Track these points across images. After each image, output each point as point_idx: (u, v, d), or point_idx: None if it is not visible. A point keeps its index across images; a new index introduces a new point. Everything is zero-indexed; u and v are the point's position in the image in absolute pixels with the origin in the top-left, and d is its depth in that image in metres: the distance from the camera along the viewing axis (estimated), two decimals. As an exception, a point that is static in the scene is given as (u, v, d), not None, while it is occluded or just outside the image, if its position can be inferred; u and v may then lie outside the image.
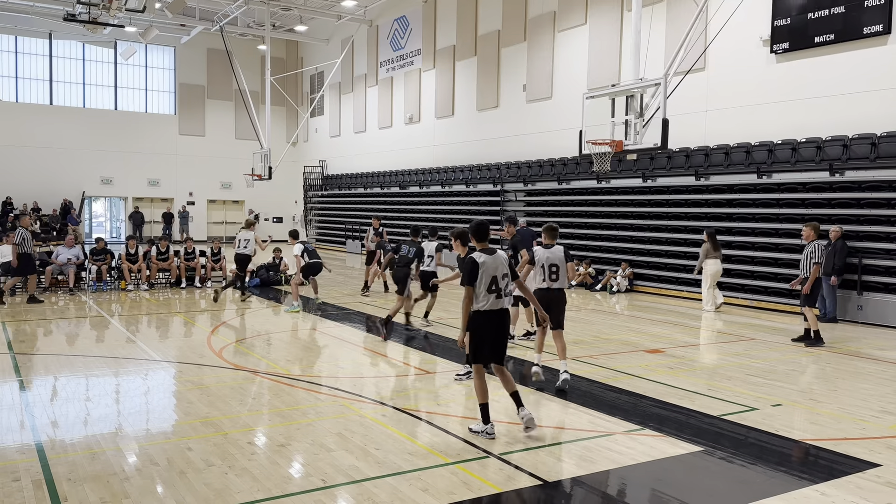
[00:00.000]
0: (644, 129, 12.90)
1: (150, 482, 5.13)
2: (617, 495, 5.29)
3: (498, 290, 6.04)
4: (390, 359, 9.57)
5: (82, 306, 14.20)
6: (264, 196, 37.39)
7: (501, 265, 6.10)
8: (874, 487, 5.22)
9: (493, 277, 6.03)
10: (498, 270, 6.06)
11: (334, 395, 7.57)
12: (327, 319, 12.97)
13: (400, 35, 29.73)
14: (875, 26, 13.67)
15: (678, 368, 9.11)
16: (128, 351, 9.95)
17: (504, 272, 6.12)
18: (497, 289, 6.04)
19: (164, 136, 36.57)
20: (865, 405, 7.48)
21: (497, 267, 6.07)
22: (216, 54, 35.61)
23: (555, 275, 7.85)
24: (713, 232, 14.68)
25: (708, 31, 15.56)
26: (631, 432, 6.44)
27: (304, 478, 5.27)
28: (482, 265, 6.03)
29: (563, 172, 20.42)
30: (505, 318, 6.17)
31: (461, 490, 5.03)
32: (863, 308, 13.05)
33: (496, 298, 6.04)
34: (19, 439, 6.08)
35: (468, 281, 6.04)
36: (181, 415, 6.89)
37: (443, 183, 25.81)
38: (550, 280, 7.84)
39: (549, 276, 7.84)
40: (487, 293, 6.03)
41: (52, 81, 34.29)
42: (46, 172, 33.46)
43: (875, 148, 13.44)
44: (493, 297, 6.04)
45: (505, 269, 6.14)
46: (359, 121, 33.20)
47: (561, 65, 21.44)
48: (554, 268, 7.85)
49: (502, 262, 6.13)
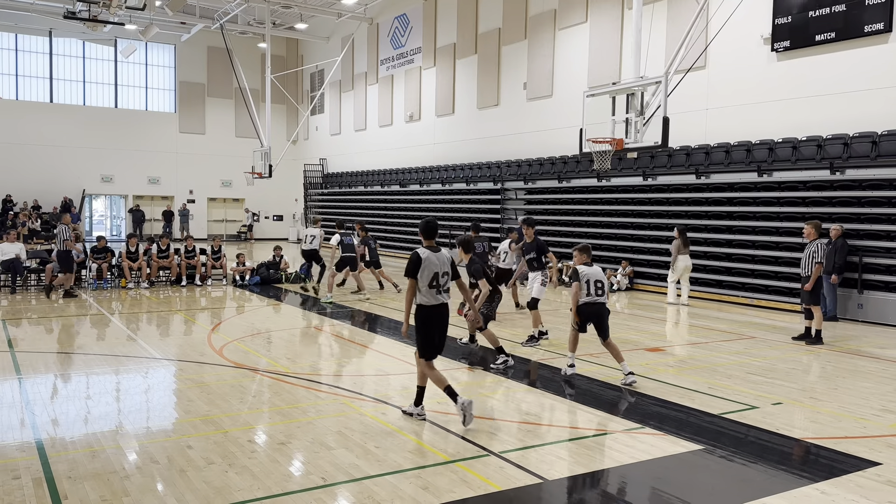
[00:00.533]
0: (645, 128, 12.90)
1: (151, 480, 5.13)
2: (617, 493, 5.29)
3: (438, 287, 6.38)
4: (390, 357, 9.56)
5: (83, 304, 14.20)
6: (265, 194, 37.39)
7: (444, 263, 6.45)
8: (874, 486, 5.22)
9: (435, 274, 6.36)
10: (440, 268, 6.39)
11: (334, 394, 7.57)
12: (327, 317, 12.97)
13: (400, 33, 29.70)
14: (876, 24, 13.65)
15: (678, 367, 9.11)
16: (128, 349, 9.95)
17: (445, 270, 6.45)
18: (437, 285, 6.38)
19: (165, 134, 36.55)
20: (866, 404, 7.47)
21: (439, 264, 6.40)
22: (216, 52, 35.59)
23: (600, 290, 8.27)
24: (684, 229, 14.98)
25: (709, 30, 15.55)
26: (631, 431, 6.44)
27: (304, 476, 5.27)
28: (425, 260, 6.36)
29: (563, 171, 20.41)
30: (443, 310, 6.49)
31: (461, 488, 5.03)
32: (863, 306, 13.05)
33: (436, 294, 6.38)
34: (20, 437, 6.08)
35: (411, 273, 6.40)
36: (181, 413, 6.89)
37: (443, 181, 25.81)
38: (596, 295, 8.24)
39: (595, 291, 8.24)
40: (429, 288, 6.36)
41: (52, 79, 34.27)
42: (47, 170, 33.44)
43: (876, 146, 13.43)
44: (434, 293, 6.38)
45: (447, 267, 6.48)
46: (359, 119, 33.18)
47: (561, 63, 21.43)
48: (599, 283, 8.28)
49: (445, 260, 6.47)
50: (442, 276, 6.40)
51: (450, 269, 6.51)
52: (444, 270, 6.43)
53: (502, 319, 12.38)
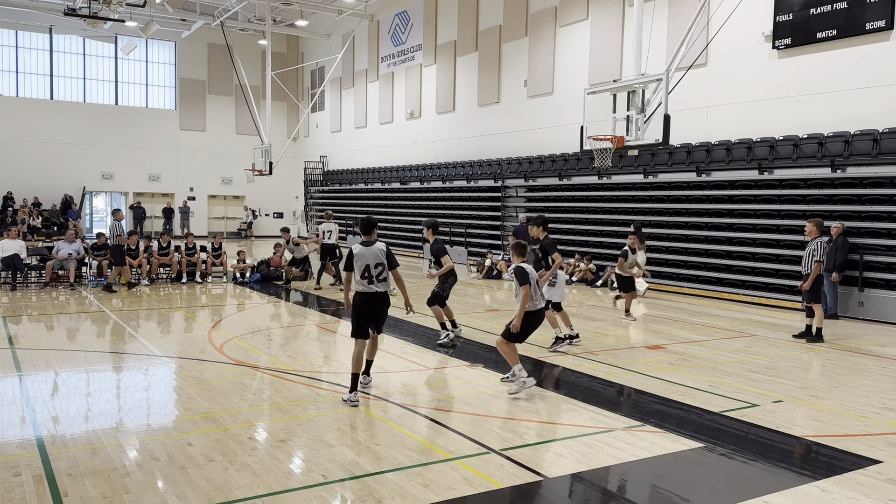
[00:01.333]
0: (645, 125, 12.88)
1: (151, 477, 5.13)
2: (617, 491, 5.29)
3: (370, 277, 7.08)
4: (390, 354, 9.56)
5: (83, 301, 14.20)
6: (265, 191, 37.40)
7: (375, 256, 7.12)
8: (875, 484, 5.21)
9: (367, 266, 7.07)
10: (371, 260, 7.09)
11: (335, 391, 7.57)
12: (327, 315, 12.97)
13: (401, 30, 29.67)
14: (877, 22, 13.62)
15: (679, 365, 9.10)
16: (128, 346, 9.95)
17: (377, 262, 7.11)
18: (369, 276, 7.08)
19: (165, 131, 36.54)
20: (866, 402, 7.47)
21: (371, 258, 7.10)
22: (217, 49, 35.56)
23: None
24: (640, 225, 15.56)
25: (710, 27, 15.53)
26: (632, 428, 6.43)
27: (304, 473, 5.27)
28: (357, 255, 7.13)
29: (564, 168, 20.39)
30: (375, 299, 7.15)
31: (462, 486, 5.03)
32: (864, 304, 13.04)
33: (368, 283, 7.09)
34: (20, 434, 6.08)
35: (347, 267, 7.25)
36: (182, 410, 6.89)
37: (443, 178, 25.80)
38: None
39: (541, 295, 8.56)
40: (361, 279, 7.08)
41: (52, 76, 34.24)
42: (47, 167, 33.44)
43: (877, 144, 13.42)
44: (366, 283, 7.10)
45: (380, 259, 7.13)
46: (359, 116, 33.16)
47: (562, 60, 21.40)
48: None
49: (377, 253, 7.14)
50: (375, 268, 7.07)
51: (384, 260, 7.17)
52: (377, 262, 7.10)
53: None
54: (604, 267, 18.08)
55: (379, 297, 7.17)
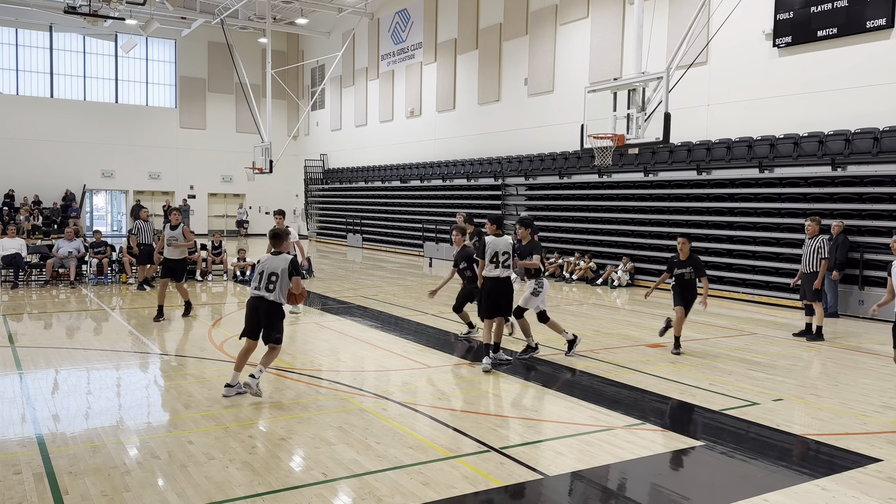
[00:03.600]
0: (646, 124, 12.88)
1: (151, 475, 5.13)
2: (617, 489, 5.29)
3: (263, 283, 7.13)
4: (391, 353, 9.57)
5: (83, 299, 14.20)
6: (265, 190, 37.39)
7: (277, 266, 7.16)
8: (875, 482, 5.21)
9: (261, 273, 7.18)
10: (271, 269, 7.15)
11: (335, 389, 7.57)
12: (327, 313, 12.97)
13: (401, 28, 29.65)
14: (878, 20, 13.61)
15: (679, 363, 9.10)
16: (129, 344, 9.95)
17: (274, 272, 7.12)
18: (262, 282, 7.14)
19: (165, 130, 36.53)
20: (866, 400, 7.47)
21: (271, 266, 7.18)
22: (217, 47, 35.54)
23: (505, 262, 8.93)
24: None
25: (710, 25, 15.52)
26: (632, 427, 6.43)
27: (304, 471, 5.27)
28: (259, 263, 7.36)
29: (564, 166, 20.38)
30: (261, 304, 7.15)
31: (462, 484, 5.03)
32: (864, 303, 13.03)
33: (257, 288, 7.16)
34: (20, 432, 6.09)
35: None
36: (182, 408, 6.89)
37: (444, 177, 25.79)
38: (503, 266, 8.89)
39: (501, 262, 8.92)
40: (258, 283, 7.16)
41: (52, 74, 34.23)
42: (47, 165, 33.44)
43: (877, 142, 13.41)
44: (257, 287, 7.17)
45: (280, 267, 7.12)
46: (360, 114, 33.14)
47: (563, 58, 21.38)
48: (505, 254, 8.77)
49: (279, 263, 7.18)
50: (271, 276, 7.12)
51: (287, 267, 7.16)
52: (274, 271, 7.13)
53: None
54: (604, 265, 18.08)
55: (264, 302, 7.17)
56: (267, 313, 7.15)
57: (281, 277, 7.10)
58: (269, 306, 7.16)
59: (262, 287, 7.13)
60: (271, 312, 7.16)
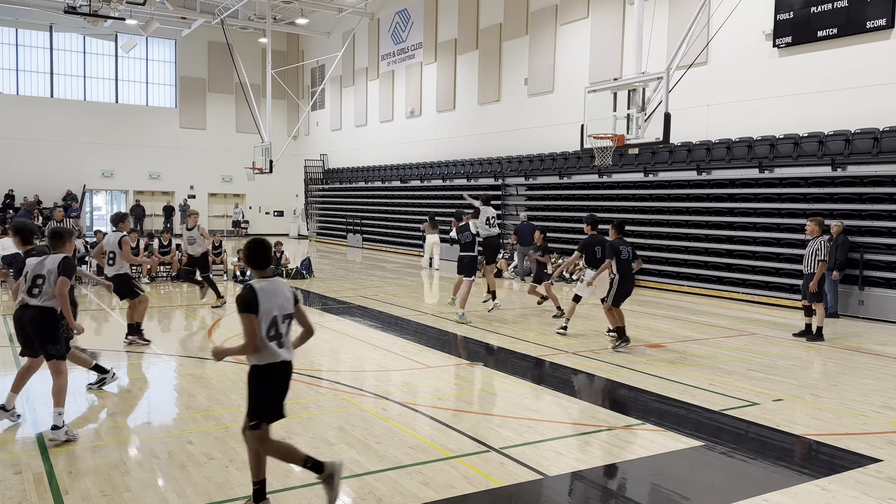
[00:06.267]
0: (646, 124, 12.87)
1: (151, 475, 5.13)
2: (617, 489, 5.29)
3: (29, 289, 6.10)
4: (391, 353, 9.57)
5: (83, 299, 14.20)
6: (265, 190, 37.40)
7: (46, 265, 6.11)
8: (875, 483, 5.22)
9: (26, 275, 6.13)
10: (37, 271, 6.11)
11: (335, 389, 7.57)
12: (327, 313, 12.97)
13: (401, 28, 29.65)
14: (878, 20, 13.61)
15: (679, 363, 9.10)
16: (128, 344, 9.94)
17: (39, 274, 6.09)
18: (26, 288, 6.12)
19: (165, 130, 36.53)
20: (866, 400, 7.47)
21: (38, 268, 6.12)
22: (217, 47, 35.53)
23: None
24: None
25: (710, 25, 15.51)
26: (632, 427, 6.43)
27: (304, 471, 5.26)
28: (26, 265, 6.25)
29: (564, 167, 20.38)
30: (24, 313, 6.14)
31: (462, 484, 5.03)
32: (864, 303, 13.04)
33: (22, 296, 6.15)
34: (20, 432, 6.09)
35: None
36: (182, 408, 6.89)
37: (444, 177, 25.79)
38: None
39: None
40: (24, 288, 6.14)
41: (52, 74, 34.23)
42: (47, 165, 33.43)
43: (877, 143, 13.41)
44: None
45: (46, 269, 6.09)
46: (360, 114, 33.14)
47: (563, 58, 21.38)
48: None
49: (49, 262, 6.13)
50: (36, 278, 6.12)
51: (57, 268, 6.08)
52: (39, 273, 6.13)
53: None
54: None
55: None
56: (33, 322, 6.07)
57: (47, 279, 6.08)
58: (34, 314, 6.04)
59: (25, 292, 6.09)
60: (38, 321, 6.06)
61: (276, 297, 4.45)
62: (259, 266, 4.59)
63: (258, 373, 4.45)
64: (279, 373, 4.48)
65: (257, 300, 4.38)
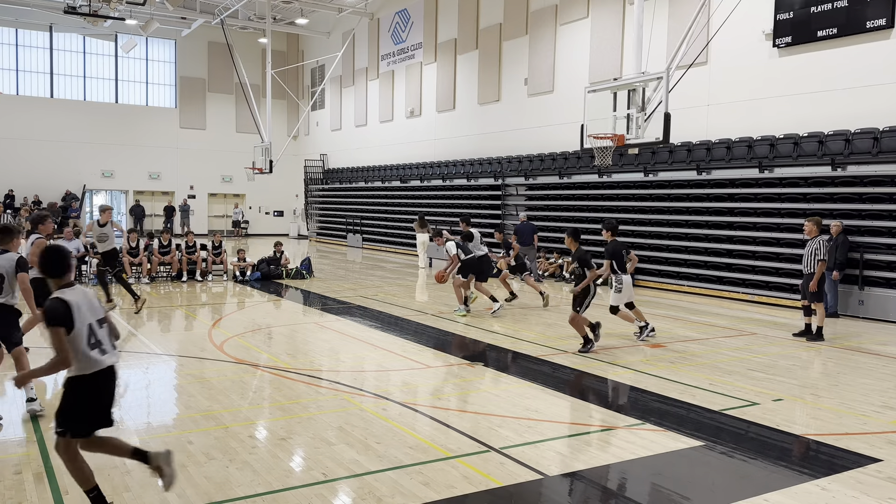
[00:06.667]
0: (646, 124, 12.87)
1: (151, 475, 5.13)
2: (617, 489, 5.29)
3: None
4: (391, 353, 9.57)
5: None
6: (265, 190, 37.41)
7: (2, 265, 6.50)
8: (875, 482, 5.22)
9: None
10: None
11: (335, 389, 7.57)
12: (327, 313, 12.97)
13: (401, 28, 29.65)
14: (878, 20, 13.61)
15: (679, 363, 9.10)
16: (129, 344, 9.95)
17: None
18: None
19: (165, 130, 36.54)
20: (866, 400, 7.47)
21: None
22: (217, 47, 35.54)
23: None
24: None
25: (710, 25, 15.51)
26: (632, 427, 6.43)
27: (304, 471, 5.27)
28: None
29: (564, 166, 20.38)
30: None
31: (462, 484, 5.03)
32: (864, 303, 13.04)
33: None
34: (21, 432, 6.09)
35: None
36: (182, 408, 6.89)
37: (444, 177, 25.79)
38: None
39: None
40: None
41: (52, 74, 34.23)
42: (47, 166, 33.44)
43: (877, 142, 13.41)
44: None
45: (4, 269, 6.53)
46: (360, 114, 33.15)
47: (563, 58, 21.39)
48: None
49: (4, 262, 6.55)
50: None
51: (13, 267, 6.60)
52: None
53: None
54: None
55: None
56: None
57: (8, 279, 6.51)
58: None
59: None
60: (1, 317, 6.59)
61: (85, 305, 4.29)
62: (57, 274, 4.30)
63: (83, 382, 4.28)
64: (106, 380, 4.39)
65: (72, 314, 4.14)
